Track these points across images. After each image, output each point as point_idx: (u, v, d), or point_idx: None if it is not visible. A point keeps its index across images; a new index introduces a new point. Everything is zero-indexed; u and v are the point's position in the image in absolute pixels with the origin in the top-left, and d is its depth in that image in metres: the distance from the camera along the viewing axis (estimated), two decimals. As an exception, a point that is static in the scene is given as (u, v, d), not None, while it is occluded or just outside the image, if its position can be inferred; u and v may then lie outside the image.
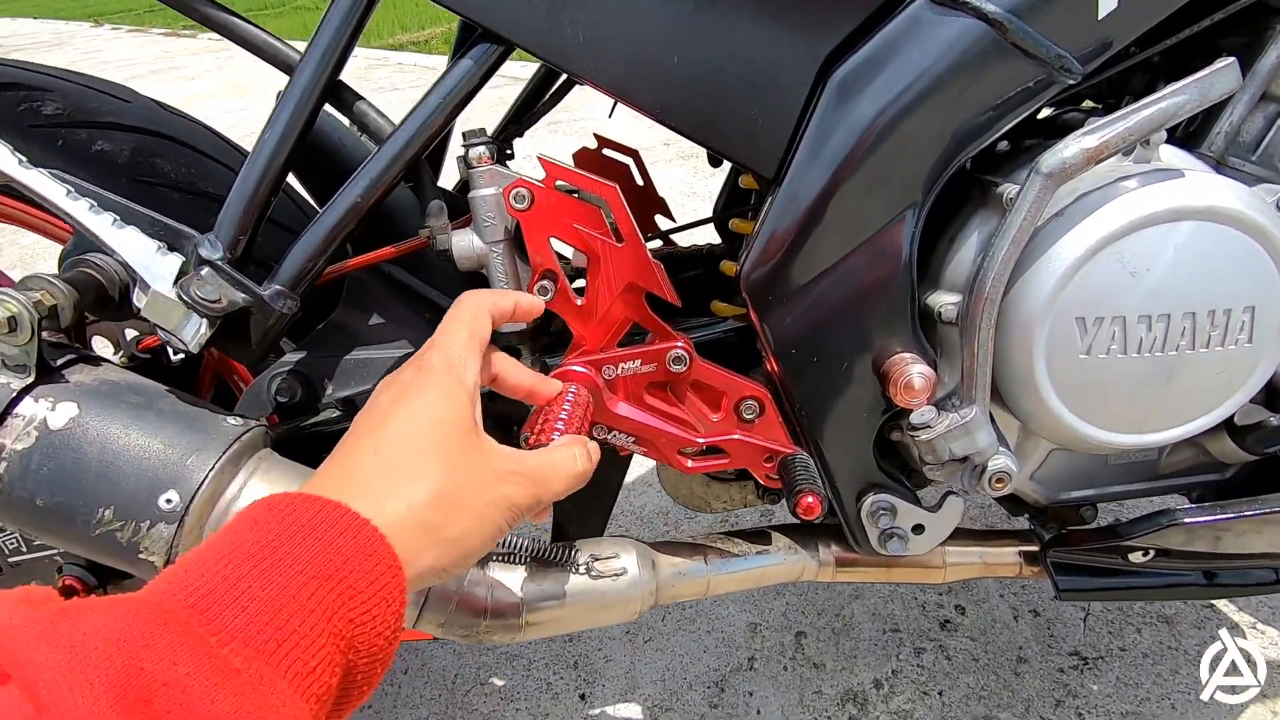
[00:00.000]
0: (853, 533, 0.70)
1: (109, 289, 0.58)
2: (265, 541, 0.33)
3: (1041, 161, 0.53)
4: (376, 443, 0.40)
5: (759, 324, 0.64)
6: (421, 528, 0.37)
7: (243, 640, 0.29)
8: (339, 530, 0.34)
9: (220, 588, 0.30)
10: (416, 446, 0.40)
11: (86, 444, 0.53)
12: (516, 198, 0.58)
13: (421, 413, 0.41)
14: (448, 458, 0.40)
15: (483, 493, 0.41)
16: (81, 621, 0.28)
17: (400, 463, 0.39)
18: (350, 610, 0.32)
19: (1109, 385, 0.57)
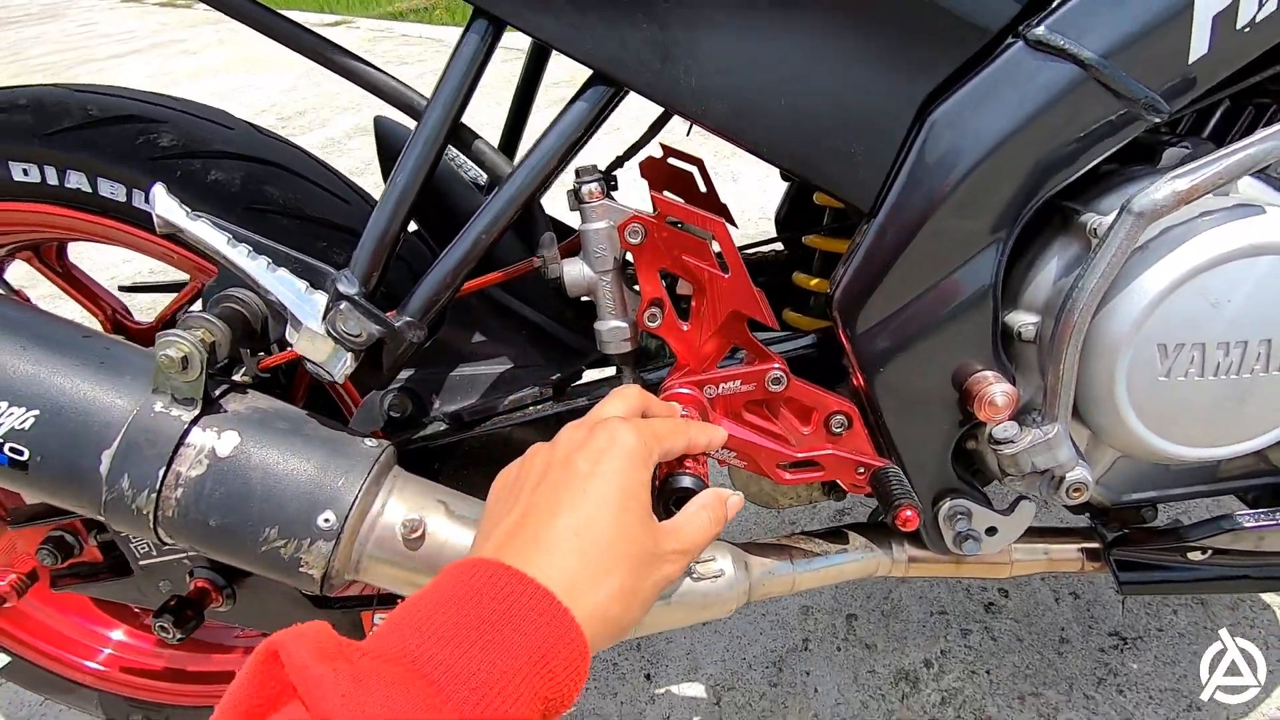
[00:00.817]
0: (928, 534, 0.76)
1: (252, 322, 0.62)
2: (487, 616, 0.38)
3: (1134, 201, 0.56)
4: (577, 525, 0.43)
5: (848, 343, 0.69)
6: (604, 619, 0.42)
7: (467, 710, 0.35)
8: (548, 619, 0.39)
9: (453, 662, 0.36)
10: (611, 536, 0.43)
11: (250, 469, 0.57)
12: (632, 232, 0.62)
13: (616, 497, 0.44)
14: (634, 550, 0.44)
15: (653, 578, 0.45)
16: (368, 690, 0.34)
17: (598, 557, 0.42)
18: (548, 689, 0.38)
19: (1185, 405, 0.62)
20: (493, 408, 0.75)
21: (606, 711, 1.09)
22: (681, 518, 0.50)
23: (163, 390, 0.57)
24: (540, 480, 0.47)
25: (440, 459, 0.75)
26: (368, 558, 0.61)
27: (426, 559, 0.62)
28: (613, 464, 0.46)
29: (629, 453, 0.47)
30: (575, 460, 0.46)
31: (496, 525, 0.46)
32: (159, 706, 1.05)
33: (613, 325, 0.68)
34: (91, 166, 0.73)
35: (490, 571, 0.40)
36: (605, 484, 0.45)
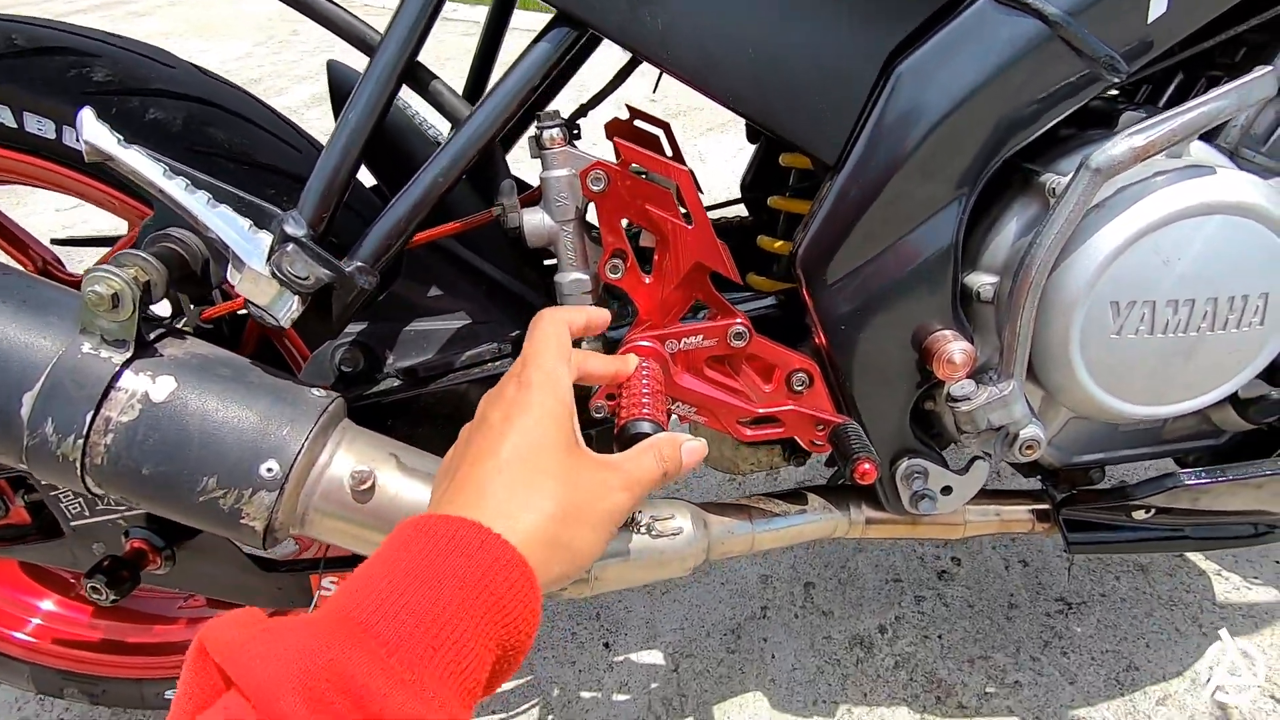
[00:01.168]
0: (885, 494, 0.76)
1: (191, 264, 0.59)
2: (419, 560, 0.37)
3: (1091, 158, 0.57)
4: (498, 463, 0.43)
5: (810, 301, 0.68)
6: (546, 541, 0.41)
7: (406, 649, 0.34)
8: (481, 548, 0.38)
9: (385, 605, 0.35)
10: (534, 465, 0.43)
11: (188, 415, 0.55)
12: (594, 180, 0.60)
13: (532, 430, 0.45)
14: (562, 474, 0.44)
15: (596, 504, 0.45)
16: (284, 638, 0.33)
17: (523, 482, 0.43)
18: (496, 614, 0.37)
19: (1135, 363, 0.63)
20: (448, 363, 0.73)
21: (564, 679, 1.09)
22: (626, 454, 0.50)
23: (91, 331, 0.53)
24: (465, 449, 0.47)
25: (393, 416, 0.73)
26: (314, 510, 0.59)
27: (376, 512, 0.60)
28: (523, 403, 0.46)
29: (536, 385, 0.47)
30: (489, 415, 0.47)
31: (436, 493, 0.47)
32: (95, 679, 1.01)
33: (573, 277, 0.66)
34: (17, 99, 0.68)
35: (418, 523, 0.39)
36: (520, 423, 0.45)
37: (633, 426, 0.52)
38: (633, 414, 0.53)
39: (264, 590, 0.79)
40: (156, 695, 1.02)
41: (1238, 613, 1.11)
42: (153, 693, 1.02)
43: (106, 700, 1.03)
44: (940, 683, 1.04)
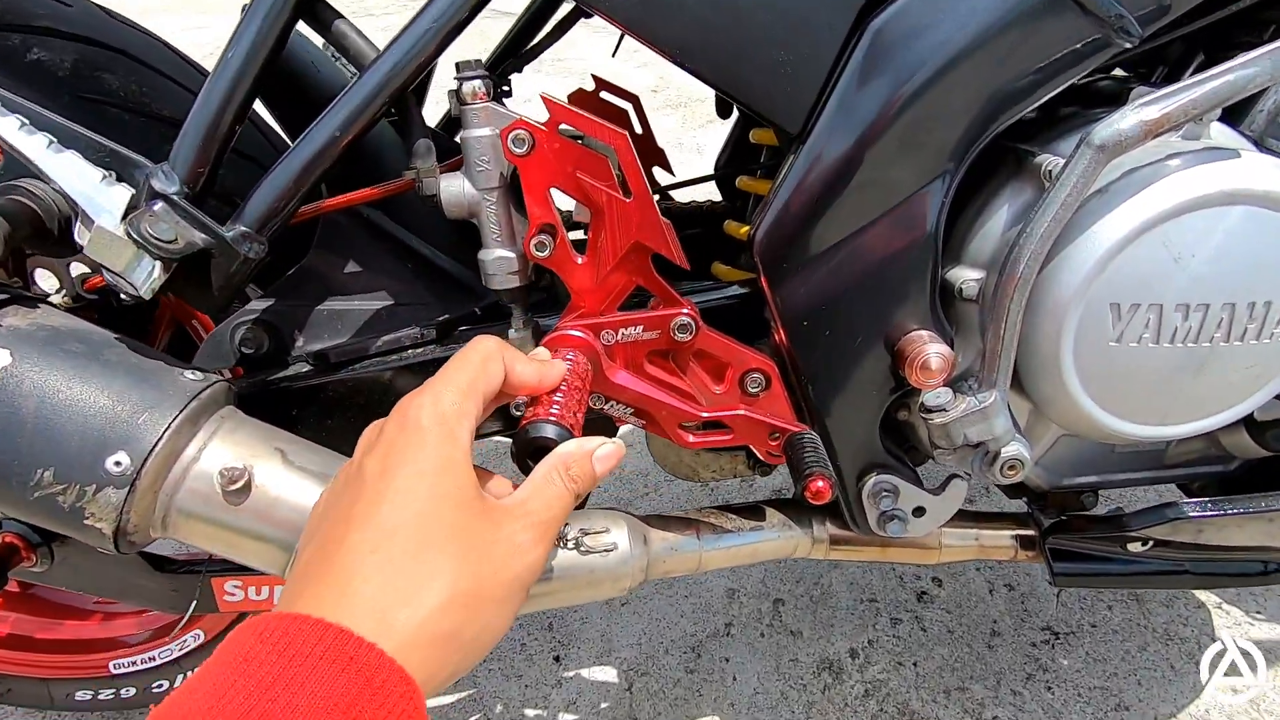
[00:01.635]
0: (851, 512, 0.68)
1: (46, 220, 0.51)
2: (262, 683, 0.28)
3: (1094, 133, 0.48)
4: (373, 538, 0.34)
5: (769, 292, 0.60)
6: (438, 639, 0.32)
7: None
8: (345, 662, 0.29)
9: None
10: (420, 537, 0.34)
11: (21, 397, 0.47)
12: (516, 141, 0.52)
13: (417, 489, 0.35)
14: (456, 543, 0.34)
15: (500, 573, 0.35)
16: None
17: (404, 562, 0.33)
18: None
19: (1136, 375, 0.55)
20: (364, 348, 0.65)
21: (509, 695, 1.01)
22: (526, 487, 0.40)
23: (-92, 292, 0.45)
24: (336, 499, 0.37)
25: (300, 405, 0.65)
26: (177, 512, 0.51)
27: (253, 515, 0.52)
28: (408, 451, 0.36)
29: (425, 430, 0.37)
30: (365, 465, 0.37)
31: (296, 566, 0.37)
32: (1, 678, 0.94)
33: (498, 255, 0.58)
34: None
35: (261, 628, 0.30)
36: (403, 479, 0.35)
37: (533, 429, 0.44)
38: (538, 414, 0.45)
39: (158, 592, 0.71)
40: (66, 696, 0.94)
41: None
42: (61, 693, 0.94)
43: (12, 699, 0.96)
44: (912, 715, 0.96)
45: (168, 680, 0.93)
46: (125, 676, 0.93)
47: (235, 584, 0.72)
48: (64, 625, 0.96)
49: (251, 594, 0.73)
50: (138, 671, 0.92)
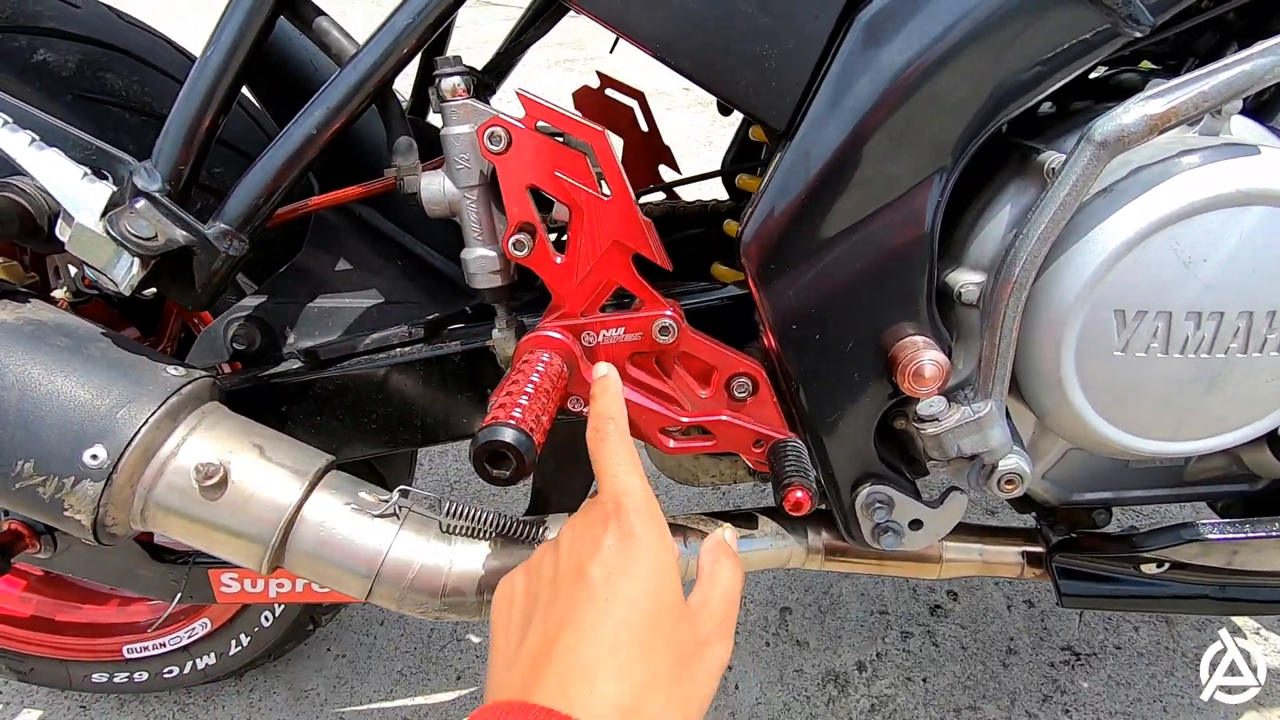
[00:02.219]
0: (846, 523, 0.66)
1: (36, 217, 0.52)
2: None
3: (1095, 127, 0.45)
4: (611, 641, 0.36)
5: (758, 294, 0.58)
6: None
7: None
8: None
9: None
10: (649, 643, 0.37)
11: (4, 389, 0.48)
12: (492, 138, 0.51)
13: (646, 598, 0.39)
14: (676, 651, 0.38)
15: (704, 670, 0.39)
16: None
17: (640, 669, 0.36)
18: None
19: (1143, 387, 0.51)
20: (353, 346, 0.65)
21: (509, 694, 1.01)
22: (705, 585, 0.43)
23: (-103, 285, 0.47)
24: (554, 596, 0.40)
25: (290, 401, 0.66)
26: (155, 505, 0.52)
27: (229, 510, 0.52)
28: (631, 561, 0.40)
29: (641, 537, 0.41)
30: (590, 572, 0.40)
31: (516, 651, 0.40)
32: (23, 657, 0.97)
33: (479, 254, 0.57)
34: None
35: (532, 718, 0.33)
36: (631, 584, 0.39)
37: (491, 432, 0.43)
38: (498, 416, 0.44)
39: (155, 581, 0.73)
40: (83, 677, 0.98)
41: (1276, 681, 0.96)
42: (79, 674, 0.97)
43: (34, 679, 0.99)
44: (919, 733, 0.93)
45: (178, 666, 0.95)
46: (138, 661, 0.95)
47: (231, 576, 0.74)
48: (83, 609, 0.99)
49: (248, 586, 0.74)
50: (149, 657, 0.95)
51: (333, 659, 1.08)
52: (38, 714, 1.03)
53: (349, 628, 1.13)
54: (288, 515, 0.53)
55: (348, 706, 1.02)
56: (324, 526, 0.55)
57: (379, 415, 0.67)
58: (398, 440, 0.68)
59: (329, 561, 0.55)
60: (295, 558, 0.55)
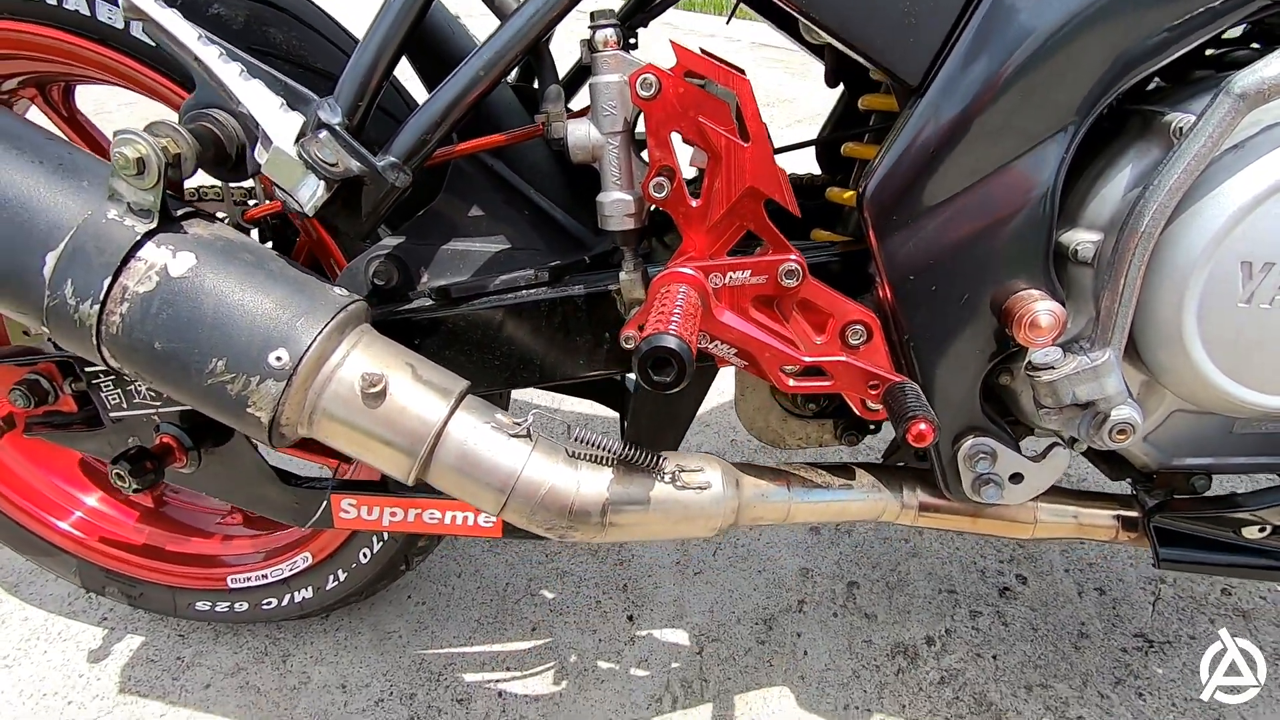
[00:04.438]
0: (945, 475, 0.68)
1: (227, 146, 0.58)
2: None
3: (1235, 80, 0.48)
4: None
5: (876, 246, 0.61)
6: None
7: None
8: None
9: None
10: None
11: (204, 295, 0.53)
12: (644, 85, 0.55)
13: None
14: None
15: None
16: None
17: None
18: None
19: (1265, 340, 0.53)
20: (483, 285, 0.70)
21: (584, 647, 1.05)
22: None
23: (118, 198, 0.52)
24: None
25: (422, 335, 0.70)
26: (322, 411, 0.56)
27: (386, 420, 0.57)
28: None
29: None
30: None
31: None
32: (135, 582, 1.04)
33: (615, 197, 0.61)
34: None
35: None
36: None
37: (656, 339, 0.46)
38: (657, 328, 0.48)
39: (282, 503, 0.78)
40: (188, 605, 1.04)
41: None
42: (185, 602, 1.04)
43: (143, 604, 1.06)
44: (990, 706, 0.94)
45: (276, 598, 1.01)
46: (240, 591, 1.01)
47: (350, 502, 0.78)
48: (190, 541, 1.06)
49: (364, 513, 0.78)
50: (252, 588, 1.01)
51: (414, 605, 1.13)
52: (140, 639, 1.10)
53: (428, 578, 1.18)
54: (436, 429, 0.58)
55: (429, 649, 1.07)
56: (466, 443, 0.59)
57: (502, 352, 0.71)
58: (517, 378, 0.72)
59: (469, 476, 0.59)
60: (439, 470, 0.59)
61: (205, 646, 1.09)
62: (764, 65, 3.64)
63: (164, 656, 1.08)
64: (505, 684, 1.01)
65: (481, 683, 1.01)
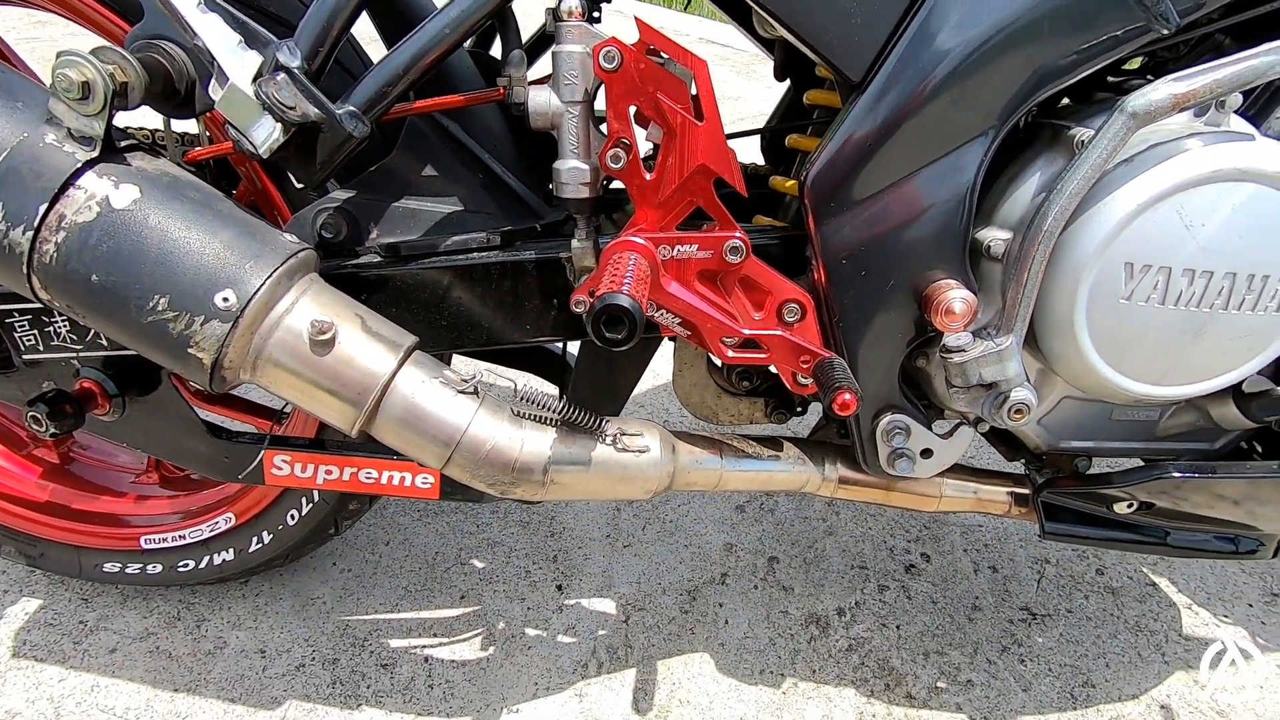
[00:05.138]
0: (864, 449, 0.73)
1: (176, 81, 0.56)
2: None
3: (1128, 101, 0.54)
4: None
5: (814, 231, 0.66)
6: None
7: None
8: None
9: None
10: None
11: (148, 229, 0.52)
12: (606, 57, 0.57)
13: None
14: None
15: None
16: None
17: None
18: None
19: (1141, 334, 0.60)
20: (432, 246, 0.70)
21: (512, 614, 1.06)
22: None
23: (58, 123, 0.51)
24: None
25: (369, 290, 0.70)
26: (267, 357, 0.56)
27: (331, 369, 0.57)
28: None
29: None
30: None
31: None
32: (35, 540, 0.99)
33: (572, 165, 0.63)
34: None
35: None
36: None
37: (610, 297, 0.49)
38: (610, 288, 0.51)
39: (210, 458, 0.76)
40: (95, 567, 0.99)
41: (1201, 648, 1.08)
42: (90, 563, 0.99)
43: (44, 564, 1.01)
44: (891, 671, 1.02)
45: (193, 560, 0.98)
46: (155, 553, 0.98)
47: (284, 458, 0.77)
48: (99, 499, 1.01)
49: (298, 470, 0.78)
50: (167, 549, 0.97)
51: (339, 572, 1.12)
52: (38, 603, 1.04)
53: (354, 546, 1.17)
54: (384, 381, 0.58)
55: (354, 615, 1.06)
56: (413, 396, 0.60)
57: (450, 313, 0.72)
58: (464, 339, 0.73)
59: (414, 429, 0.60)
60: (383, 423, 0.60)
61: (111, 610, 1.04)
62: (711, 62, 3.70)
63: (65, 620, 1.03)
64: (432, 650, 1.01)
65: (407, 648, 1.01)
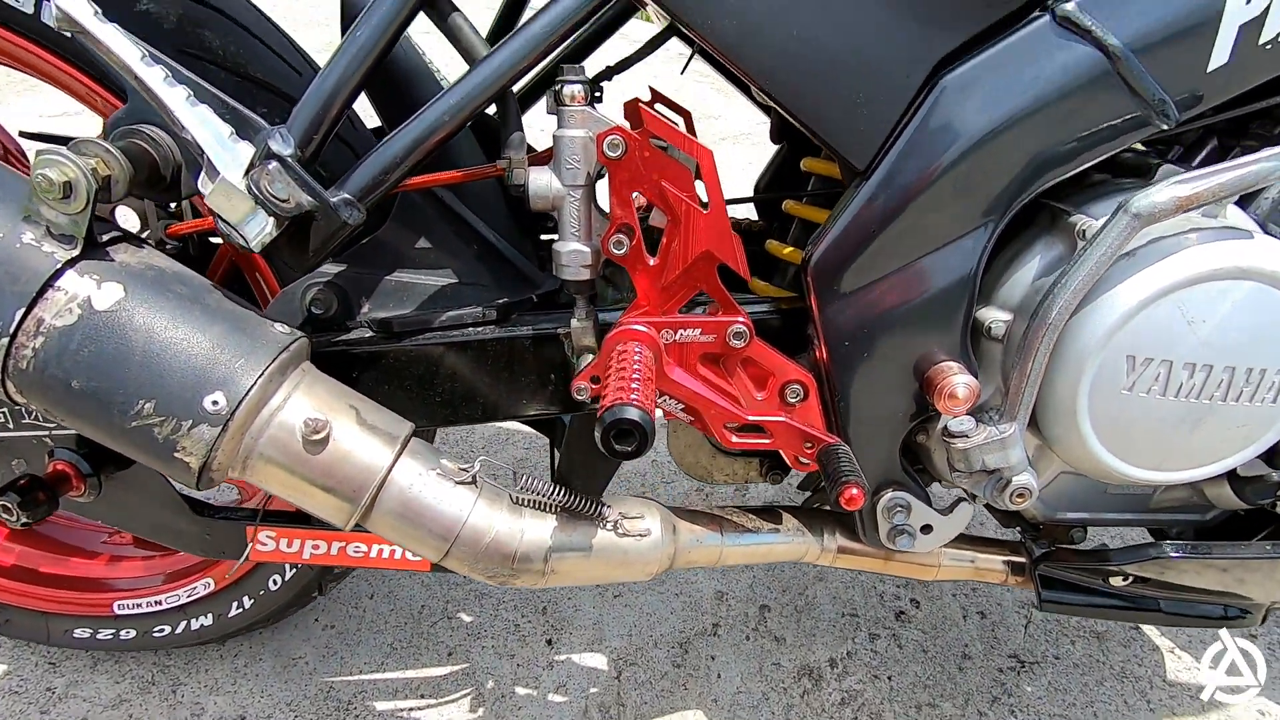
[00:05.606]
0: (864, 524, 0.73)
1: (162, 167, 0.54)
2: None
3: (1132, 202, 0.54)
4: None
5: (817, 311, 0.65)
6: None
7: None
8: None
9: None
10: None
11: (132, 330, 0.49)
12: (611, 145, 0.56)
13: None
14: None
15: None
16: None
17: None
18: None
19: (1141, 423, 0.61)
20: (427, 321, 0.68)
21: (501, 672, 1.04)
22: None
23: (36, 221, 0.48)
24: None
25: (360, 368, 0.68)
26: (258, 456, 0.54)
27: (327, 467, 0.55)
28: None
29: None
30: None
31: None
32: (1, 607, 0.94)
33: (573, 248, 0.62)
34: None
35: None
36: None
37: (619, 411, 0.48)
38: (619, 399, 0.49)
39: (193, 535, 0.74)
40: (64, 632, 0.95)
41: (1185, 693, 1.10)
42: (60, 629, 0.95)
43: (10, 631, 0.96)
44: (884, 725, 1.01)
45: (170, 625, 0.94)
46: (128, 618, 0.94)
47: (269, 534, 0.75)
48: (70, 562, 0.97)
49: (283, 545, 0.75)
50: (142, 614, 0.94)
51: (321, 629, 1.09)
52: (1, 668, 1.00)
53: (338, 601, 1.14)
54: (380, 477, 0.56)
55: (337, 676, 1.03)
56: (410, 490, 0.58)
57: (445, 389, 0.70)
58: (459, 415, 0.72)
59: (411, 523, 0.58)
60: (379, 518, 0.58)
61: (81, 675, 1.00)
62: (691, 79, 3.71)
63: (31, 687, 0.98)
64: (419, 713, 0.99)
65: (394, 711, 0.99)
